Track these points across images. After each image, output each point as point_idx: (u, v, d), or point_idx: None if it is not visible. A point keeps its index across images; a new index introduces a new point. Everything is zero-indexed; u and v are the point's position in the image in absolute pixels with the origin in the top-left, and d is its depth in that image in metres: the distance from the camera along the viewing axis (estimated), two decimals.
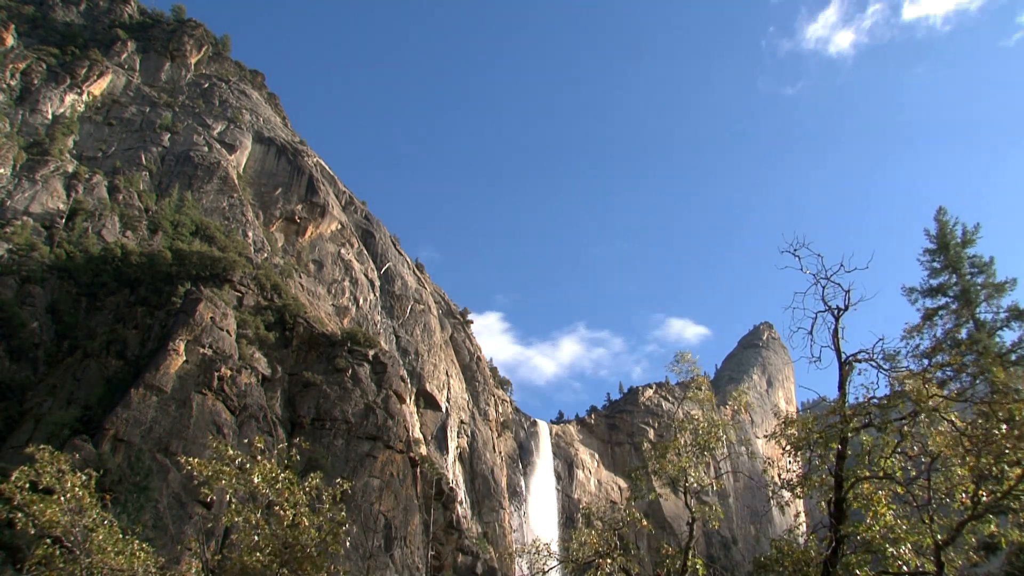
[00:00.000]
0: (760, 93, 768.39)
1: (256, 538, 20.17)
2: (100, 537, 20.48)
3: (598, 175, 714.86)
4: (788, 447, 18.82)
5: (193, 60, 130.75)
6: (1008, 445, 16.13)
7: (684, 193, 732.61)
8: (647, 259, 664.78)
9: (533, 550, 22.38)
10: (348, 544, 61.14)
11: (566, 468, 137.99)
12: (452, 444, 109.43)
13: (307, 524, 19.66)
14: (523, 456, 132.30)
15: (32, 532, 20.66)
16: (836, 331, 19.00)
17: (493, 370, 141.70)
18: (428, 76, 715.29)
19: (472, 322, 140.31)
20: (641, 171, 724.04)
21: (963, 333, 38.50)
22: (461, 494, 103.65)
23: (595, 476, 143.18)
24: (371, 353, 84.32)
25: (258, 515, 20.46)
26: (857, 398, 18.80)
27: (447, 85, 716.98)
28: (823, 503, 18.11)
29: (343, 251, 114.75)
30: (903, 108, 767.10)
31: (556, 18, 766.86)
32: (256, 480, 20.21)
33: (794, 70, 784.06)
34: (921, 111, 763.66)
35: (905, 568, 17.16)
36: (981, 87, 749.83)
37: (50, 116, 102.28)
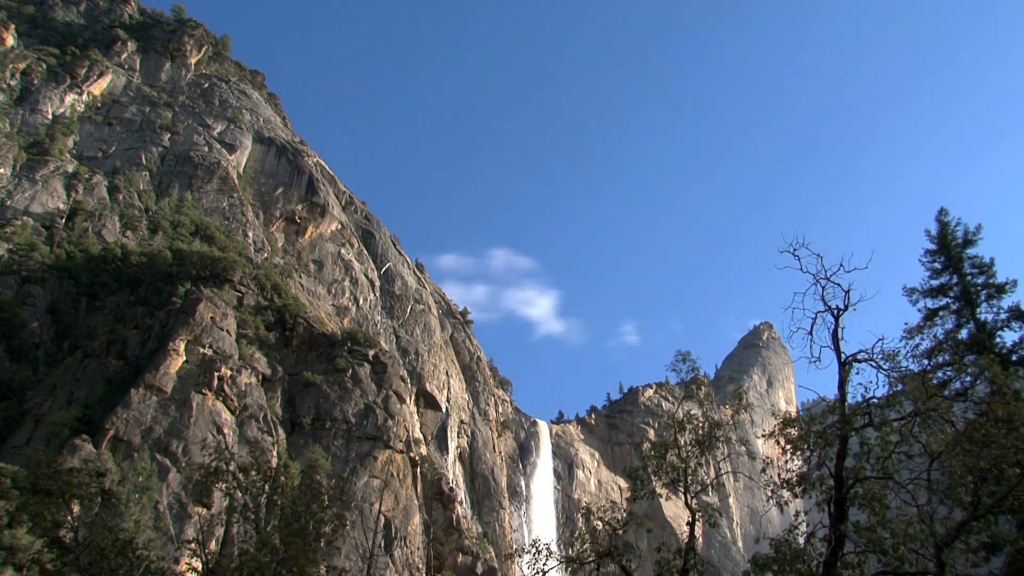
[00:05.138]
0: (759, 92, 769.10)
1: (255, 537, 20.23)
2: (100, 537, 20.53)
3: (599, 174, 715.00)
4: (787, 446, 18.84)
5: (193, 60, 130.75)
6: (1008, 445, 16.14)
7: (684, 192, 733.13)
8: (648, 257, 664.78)
9: (533, 550, 22.39)
10: (348, 544, 61.15)
11: (566, 468, 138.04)
12: (452, 444, 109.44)
13: (305, 522, 19.73)
14: (523, 456, 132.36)
15: (32, 532, 20.74)
16: (836, 331, 19.05)
17: (493, 370, 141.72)
18: (429, 76, 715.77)
19: (472, 322, 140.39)
20: (643, 171, 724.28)
21: (963, 334, 38.49)
22: (461, 494, 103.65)
23: (595, 476, 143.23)
24: (371, 353, 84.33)
25: (258, 514, 20.52)
26: (855, 398, 18.84)
27: (448, 85, 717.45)
28: (823, 503, 18.13)
29: (343, 251, 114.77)
30: (901, 106, 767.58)
31: (553, 18, 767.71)
32: (255, 480, 20.27)
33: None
34: (920, 110, 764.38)
35: (905, 568, 17.17)
36: (982, 85, 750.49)
37: (50, 116, 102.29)
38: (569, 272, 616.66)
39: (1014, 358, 36.09)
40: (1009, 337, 37.77)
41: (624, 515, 23.49)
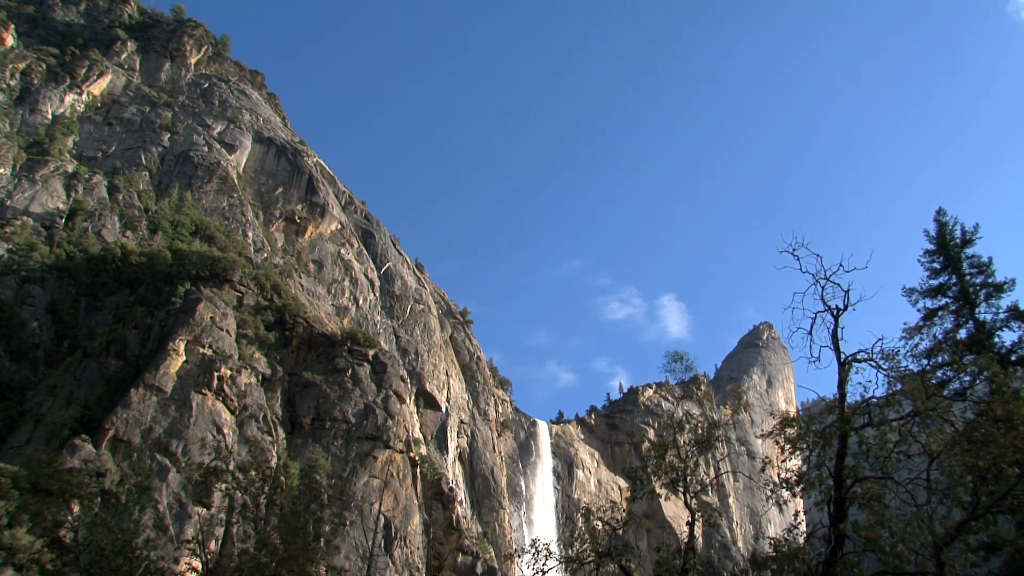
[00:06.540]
0: (758, 90, 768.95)
1: (255, 537, 20.23)
2: (100, 537, 20.51)
3: (600, 173, 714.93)
4: (787, 446, 18.87)
5: (193, 60, 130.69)
6: (1007, 444, 16.15)
7: (682, 192, 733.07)
8: (646, 258, 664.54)
9: (533, 550, 22.41)
10: (348, 544, 61.18)
11: (566, 468, 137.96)
12: (452, 444, 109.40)
13: (304, 522, 19.74)
14: (523, 456, 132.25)
15: (32, 532, 20.75)
16: (835, 331, 19.07)
17: (493, 370, 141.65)
18: (429, 76, 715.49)
19: (472, 322, 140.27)
20: (642, 169, 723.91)
21: (963, 333, 38.57)
22: (461, 494, 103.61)
23: (595, 476, 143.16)
24: (371, 353, 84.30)
25: (257, 514, 20.52)
26: (855, 398, 18.86)
27: (448, 84, 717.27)
28: (823, 502, 18.13)
29: (343, 251, 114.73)
30: (900, 107, 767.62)
31: (554, 19, 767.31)
32: (255, 480, 20.27)
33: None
34: (920, 110, 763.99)
35: (905, 567, 17.18)
36: (981, 85, 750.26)
37: (50, 116, 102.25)
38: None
39: (1013, 358, 36.16)
40: (1008, 337, 37.89)
41: (624, 515, 23.53)
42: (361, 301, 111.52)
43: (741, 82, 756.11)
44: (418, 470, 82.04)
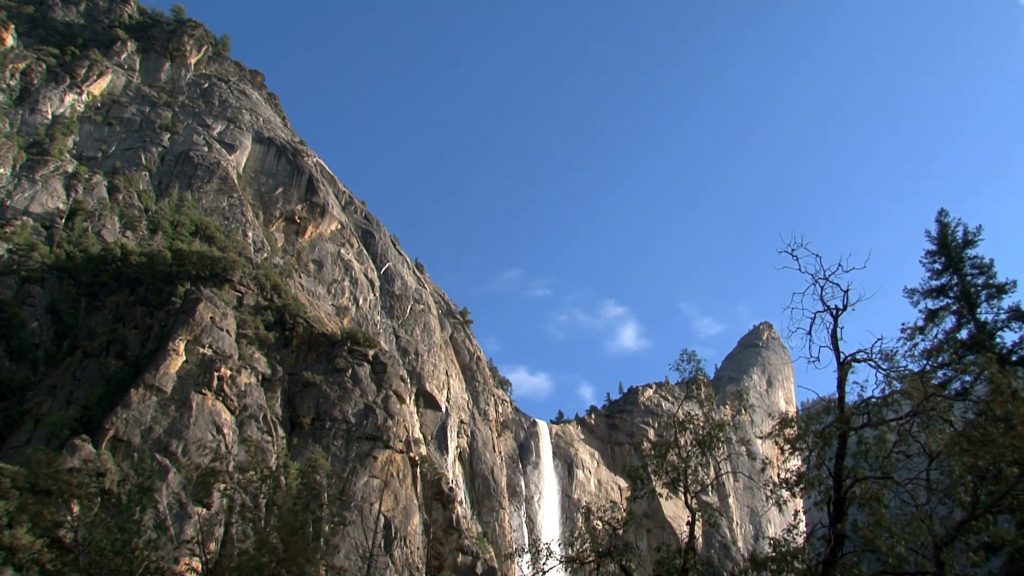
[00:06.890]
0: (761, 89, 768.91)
1: (255, 537, 20.24)
2: (100, 537, 20.52)
3: (600, 171, 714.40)
4: (786, 446, 18.86)
5: (193, 60, 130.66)
6: (1006, 444, 16.14)
7: (683, 191, 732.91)
8: (647, 258, 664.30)
9: (533, 550, 22.41)
10: (348, 544, 61.16)
11: (566, 468, 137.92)
12: (452, 444, 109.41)
13: (304, 522, 19.76)
14: (523, 456, 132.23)
15: (32, 532, 20.76)
16: (835, 331, 19.06)
17: (493, 370, 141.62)
18: (429, 75, 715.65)
19: (472, 322, 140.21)
20: (642, 169, 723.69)
21: (964, 334, 38.60)
22: (461, 494, 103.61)
23: (595, 476, 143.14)
24: (371, 353, 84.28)
25: (257, 514, 20.52)
26: (854, 398, 18.84)
27: (448, 84, 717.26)
28: (822, 502, 18.12)
29: (343, 251, 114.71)
30: (900, 105, 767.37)
31: (556, 20, 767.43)
32: (255, 480, 20.27)
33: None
34: (919, 109, 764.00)
35: (905, 568, 17.17)
36: (982, 85, 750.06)
37: (50, 116, 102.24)
38: (569, 273, 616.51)
39: (1014, 358, 36.18)
40: (1009, 337, 37.92)
41: (624, 515, 23.53)
42: (361, 301, 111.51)
43: (741, 83, 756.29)
44: (418, 470, 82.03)
